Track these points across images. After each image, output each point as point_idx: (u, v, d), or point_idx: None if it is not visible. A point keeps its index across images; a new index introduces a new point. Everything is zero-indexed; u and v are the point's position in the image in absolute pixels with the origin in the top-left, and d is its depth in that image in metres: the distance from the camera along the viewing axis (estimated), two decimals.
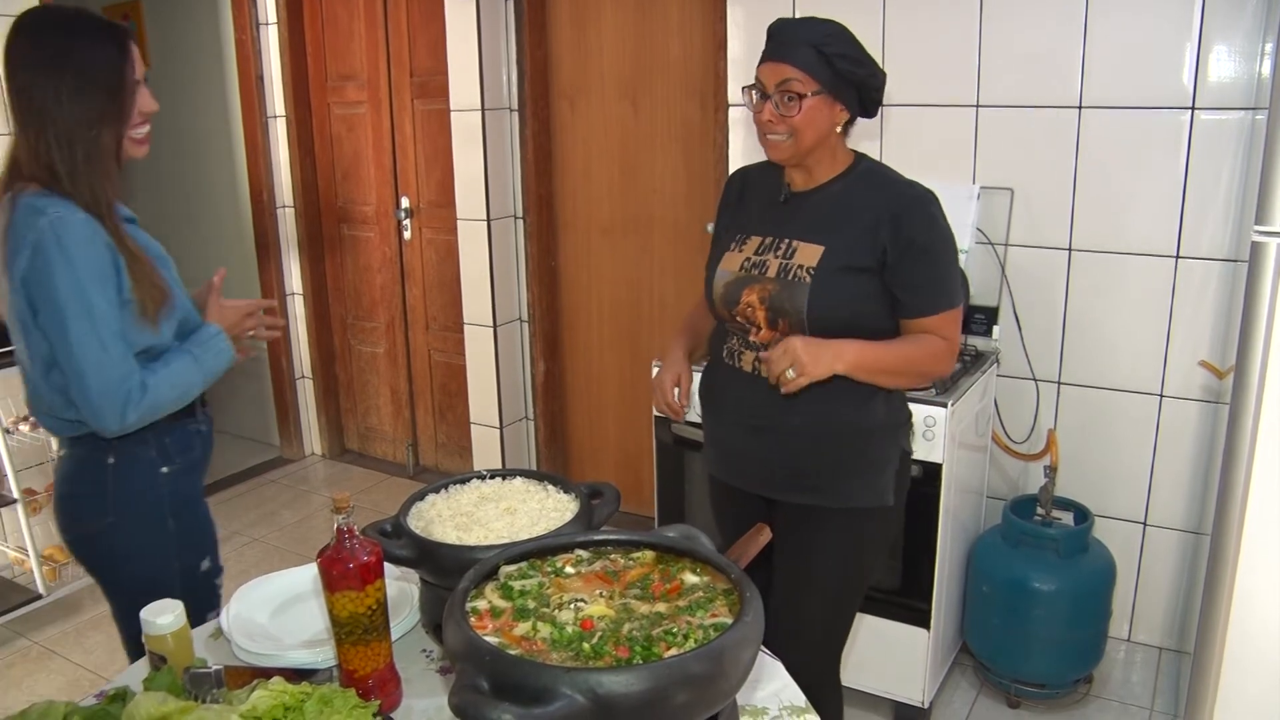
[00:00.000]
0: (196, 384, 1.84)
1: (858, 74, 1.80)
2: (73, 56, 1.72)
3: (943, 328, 1.86)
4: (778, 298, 1.85)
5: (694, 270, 3.71)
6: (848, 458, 1.92)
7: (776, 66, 1.81)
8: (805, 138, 1.82)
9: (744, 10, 3.24)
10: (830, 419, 1.89)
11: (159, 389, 1.75)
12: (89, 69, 1.73)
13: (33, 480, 3.48)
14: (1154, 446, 2.90)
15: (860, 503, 1.93)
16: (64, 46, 1.73)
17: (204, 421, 1.97)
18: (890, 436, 1.96)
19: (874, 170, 1.92)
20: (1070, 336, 2.95)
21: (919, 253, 1.81)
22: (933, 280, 1.84)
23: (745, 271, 1.92)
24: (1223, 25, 2.57)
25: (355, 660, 1.33)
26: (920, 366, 1.87)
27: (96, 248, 1.68)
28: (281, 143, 4.54)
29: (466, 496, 1.61)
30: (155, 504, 1.88)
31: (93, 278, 1.67)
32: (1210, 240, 2.70)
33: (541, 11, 3.81)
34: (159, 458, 1.87)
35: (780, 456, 1.94)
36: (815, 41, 1.78)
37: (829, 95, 1.80)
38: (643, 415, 3.84)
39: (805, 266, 1.84)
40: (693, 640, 1.13)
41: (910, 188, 1.86)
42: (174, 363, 1.79)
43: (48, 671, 3.15)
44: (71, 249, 1.66)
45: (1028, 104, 2.86)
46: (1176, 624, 2.99)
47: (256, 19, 4.42)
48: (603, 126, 3.82)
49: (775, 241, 1.91)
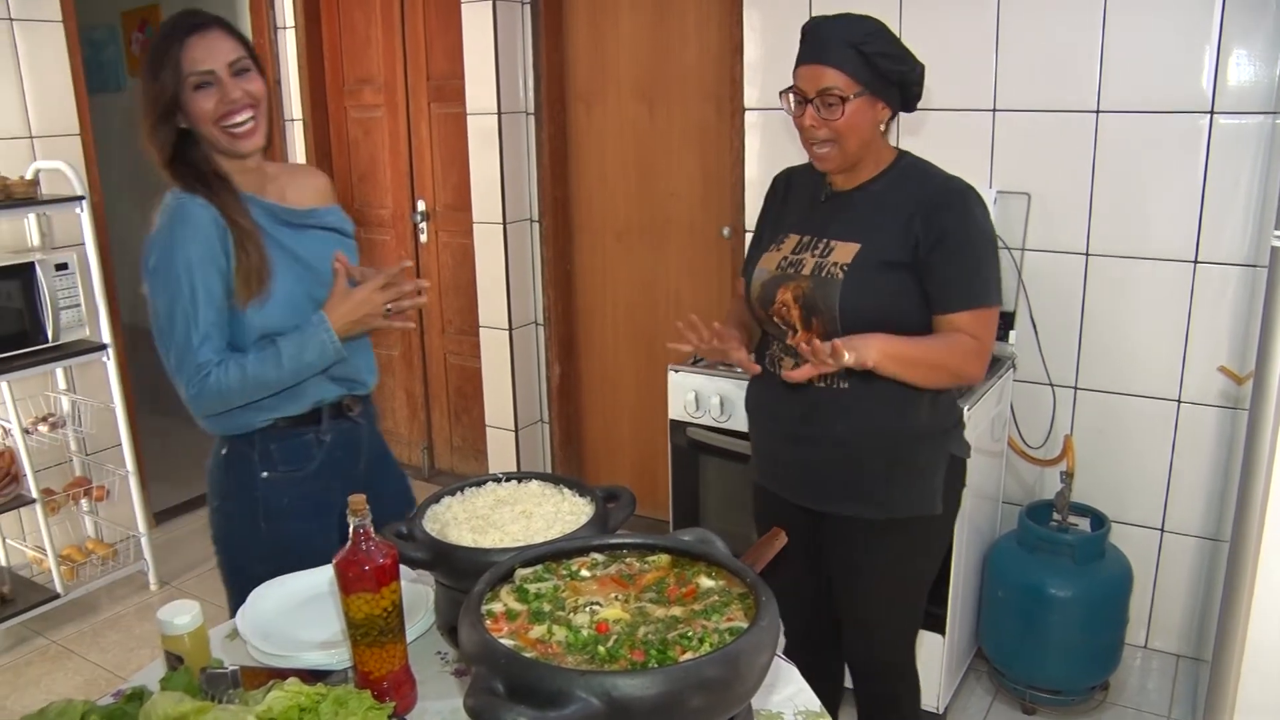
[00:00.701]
0: (274, 378, 1.75)
1: (899, 71, 1.77)
2: (147, 59, 1.78)
3: (973, 326, 1.79)
4: (811, 295, 1.82)
5: (709, 273, 3.72)
6: (892, 465, 1.88)
7: (816, 70, 1.77)
8: (850, 142, 1.79)
9: (760, 14, 3.24)
10: (873, 425, 1.85)
11: (226, 378, 1.72)
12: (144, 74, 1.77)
13: (51, 480, 3.51)
14: (1171, 452, 2.88)
15: (906, 512, 1.89)
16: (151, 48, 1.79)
17: (330, 431, 1.89)
18: (937, 442, 1.91)
19: (914, 165, 1.88)
20: (1087, 341, 2.93)
21: (951, 246, 1.77)
22: (964, 275, 1.78)
23: (781, 270, 1.89)
24: (1242, 29, 2.56)
25: (370, 662, 1.33)
26: (949, 364, 1.79)
27: (201, 229, 1.72)
28: (299, 146, 4.56)
29: (482, 499, 1.61)
30: (250, 504, 1.87)
31: (193, 264, 1.71)
32: (1229, 245, 2.68)
33: (558, 15, 3.82)
34: (261, 462, 1.86)
35: (823, 465, 1.91)
36: (855, 41, 1.73)
37: (870, 95, 1.77)
38: (658, 418, 3.84)
39: (839, 264, 1.81)
40: (708, 644, 1.13)
41: (948, 181, 1.83)
42: (255, 353, 1.74)
43: (65, 670, 3.17)
44: (175, 230, 1.72)
45: (1045, 108, 2.84)
46: (1194, 631, 2.96)
47: (274, 23, 4.44)
48: (618, 130, 3.82)
49: (813, 240, 1.88)
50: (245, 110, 1.75)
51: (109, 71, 5.28)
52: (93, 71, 4.78)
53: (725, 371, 2.83)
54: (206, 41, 1.73)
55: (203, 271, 1.71)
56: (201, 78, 1.72)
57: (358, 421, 1.96)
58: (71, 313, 3.27)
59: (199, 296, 1.71)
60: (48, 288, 3.18)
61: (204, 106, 1.73)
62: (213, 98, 1.73)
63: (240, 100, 1.74)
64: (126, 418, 3.52)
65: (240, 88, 1.74)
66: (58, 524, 3.51)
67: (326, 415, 1.89)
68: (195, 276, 1.71)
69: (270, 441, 1.85)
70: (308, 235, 1.88)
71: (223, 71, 1.73)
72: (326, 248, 1.87)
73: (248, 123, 1.76)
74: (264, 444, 1.85)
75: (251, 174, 1.85)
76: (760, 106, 3.33)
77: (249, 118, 1.76)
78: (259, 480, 1.86)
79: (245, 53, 1.77)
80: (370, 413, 2.02)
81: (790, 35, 3.17)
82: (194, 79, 1.72)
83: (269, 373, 1.74)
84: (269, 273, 1.76)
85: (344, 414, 1.93)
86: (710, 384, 2.83)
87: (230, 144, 1.77)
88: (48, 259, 3.21)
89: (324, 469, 1.90)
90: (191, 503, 4.40)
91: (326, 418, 1.89)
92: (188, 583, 3.72)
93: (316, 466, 1.89)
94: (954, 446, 1.95)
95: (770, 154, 3.35)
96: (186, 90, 1.73)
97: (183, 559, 3.89)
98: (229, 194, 1.77)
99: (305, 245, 1.86)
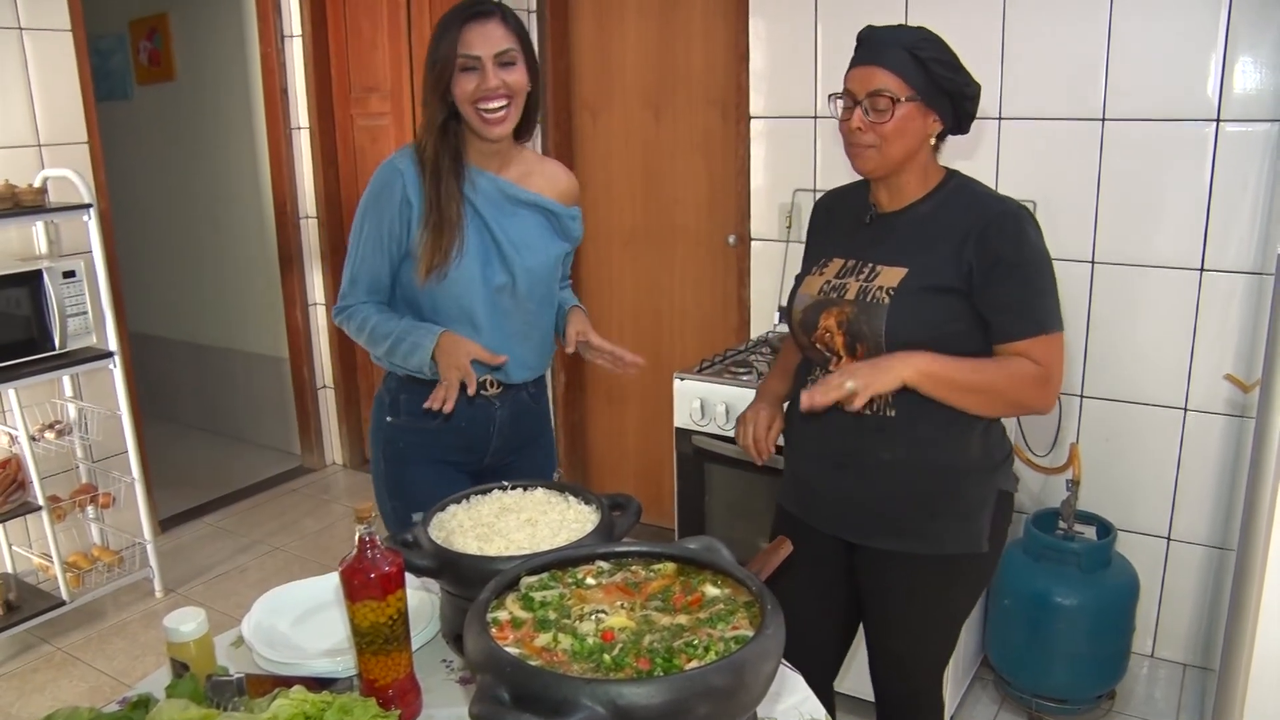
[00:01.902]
0: (378, 350, 2.00)
1: (954, 81, 1.71)
2: (432, 36, 1.95)
3: (1035, 352, 1.68)
4: (855, 321, 1.74)
5: (715, 281, 3.72)
6: (939, 499, 1.78)
7: (868, 71, 1.71)
8: (894, 149, 1.71)
9: (765, 22, 3.25)
10: (921, 456, 1.75)
11: (350, 324, 2.02)
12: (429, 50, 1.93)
13: (58, 487, 3.51)
14: (1178, 461, 2.87)
15: (951, 549, 1.79)
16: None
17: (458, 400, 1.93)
18: (987, 477, 1.80)
19: (964, 186, 1.80)
20: (1093, 349, 2.93)
21: (1007, 270, 1.68)
22: (1023, 301, 1.69)
23: (824, 295, 1.81)
24: (1248, 37, 2.56)
25: (376, 670, 1.33)
26: (1006, 391, 1.69)
27: (390, 190, 1.95)
28: (305, 154, 4.57)
29: (488, 507, 1.61)
30: (377, 442, 2.13)
31: (368, 211, 1.98)
32: (1235, 253, 2.68)
33: (564, 23, 3.83)
34: (390, 405, 2.09)
35: (864, 497, 1.82)
36: (909, 44, 1.68)
37: (923, 103, 1.70)
38: (663, 427, 3.83)
39: (885, 288, 1.73)
40: (713, 653, 1.13)
41: (1000, 203, 1.74)
42: (380, 318, 1.99)
43: (71, 678, 3.18)
44: (372, 183, 1.99)
45: (1051, 116, 2.85)
46: (1201, 640, 2.95)
47: (281, 32, 4.46)
48: (624, 137, 3.83)
49: (858, 265, 1.80)
50: (500, 98, 1.90)
51: (117, 80, 5.31)
52: (100, 80, 4.80)
53: (731, 379, 2.83)
54: (483, 29, 1.89)
55: (374, 226, 1.97)
56: (468, 61, 1.88)
57: (492, 400, 2.08)
58: (79, 320, 3.28)
59: (364, 245, 1.98)
60: (55, 295, 3.19)
61: (465, 88, 1.89)
62: (473, 80, 1.89)
63: (496, 89, 1.89)
64: (133, 425, 3.52)
65: (500, 77, 1.89)
66: (64, 531, 3.51)
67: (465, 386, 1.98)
68: (366, 227, 1.98)
69: (403, 391, 2.06)
70: (520, 217, 2.02)
71: (488, 59, 1.88)
72: (531, 234, 2.04)
73: (500, 110, 1.91)
74: (397, 390, 2.07)
75: (496, 155, 2.02)
76: (766, 114, 3.33)
77: (502, 105, 1.91)
78: (385, 422, 2.10)
79: (516, 45, 1.92)
80: (516, 397, 2.12)
81: (796, 43, 3.20)
82: (462, 61, 1.88)
83: (375, 344, 1.99)
84: (448, 260, 1.93)
85: (479, 392, 2.02)
86: (716, 392, 2.83)
87: (481, 125, 1.92)
88: (55, 266, 3.22)
89: (444, 430, 2.05)
90: (197, 509, 4.42)
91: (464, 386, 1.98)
92: (194, 590, 3.72)
93: (436, 427, 2.04)
94: (1003, 481, 1.84)
95: (776, 162, 3.35)
96: (455, 70, 1.89)
97: (188, 566, 3.90)
98: (451, 177, 1.94)
99: (513, 227, 2.01)
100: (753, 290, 3.53)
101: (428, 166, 1.94)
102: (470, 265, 1.95)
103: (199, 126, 5.04)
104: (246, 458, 5.11)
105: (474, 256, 1.96)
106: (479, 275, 1.96)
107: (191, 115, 5.06)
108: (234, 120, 4.83)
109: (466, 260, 1.94)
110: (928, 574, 1.83)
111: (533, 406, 2.18)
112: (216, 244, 5.17)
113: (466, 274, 1.95)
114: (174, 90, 5.10)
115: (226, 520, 4.37)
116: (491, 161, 2.02)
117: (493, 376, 2.05)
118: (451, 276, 1.94)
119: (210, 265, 5.26)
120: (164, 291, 5.48)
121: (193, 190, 5.18)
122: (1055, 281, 1.76)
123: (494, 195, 2.00)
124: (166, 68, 5.08)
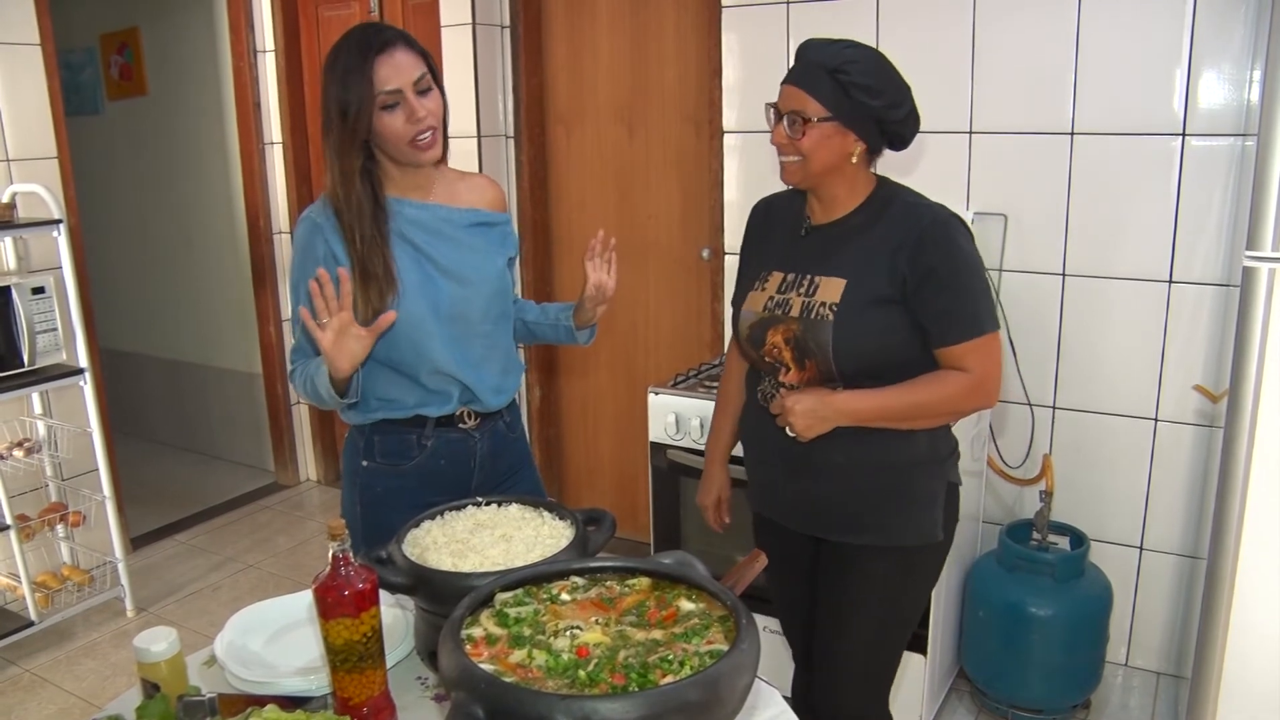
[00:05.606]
0: (313, 398, 1.88)
1: (873, 106, 1.72)
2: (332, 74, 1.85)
3: (974, 356, 1.75)
4: (803, 338, 1.79)
5: (689, 295, 3.73)
6: (892, 494, 1.85)
7: (789, 89, 1.76)
8: (813, 164, 1.77)
9: (738, 37, 3.27)
10: (870, 456, 1.82)
11: (294, 382, 1.93)
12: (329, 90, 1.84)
13: (26, 506, 3.47)
14: (1149, 470, 2.90)
15: (908, 540, 1.86)
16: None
17: (433, 437, 1.96)
18: (936, 470, 1.88)
19: (895, 196, 1.83)
20: (1064, 361, 2.96)
21: (940, 279, 1.72)
22: (957, 307, 1.74)
23: (769, 312, 1.85)
24: (1211, 52, 2.60)
25: (350, 688, 1.32)
26: (941, 406, 1.78)
27: (312, 249, 1.86)
28: (278, 169, 4.55)
29: (462, 523, 1.60)
30: (352, 487, 2.04)
31: (299, 273, 1.88)
32: (1203, 265, 2.71)
33: (537, 38, 3.84)
34: (365, 448, 2.00)
35: (822, 495, 1.88)
36: (834, 66, 1.70)
37: (840, 124, 1.74)
38: (638, 440, 3.84)
39: (828, 303, 1.77)
40: (688, 667, 1.13)
41: (930, 210, 1.77)
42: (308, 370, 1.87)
43: (39, 700, 3.13)
44: (293, 250, 1.92)
45: (1021, 130, 2.88)
46: (1174, 648, 2.98)
47: (254, 46, 4.44)
48: (598, 153, 3.84)
49: (797, 278, 1.84)
50: (429, 128, 1.84)
51: (87, 94, 5.27)
52: (70, 94, 4.78)
53: (705, 393, 2.84)
54: (392, 60, 1.79)
55: (304, 289, 1.81)
56: (389, 98, 1.79)
57: (470, 433, 2.01)
58: (48, 337, 3.25)
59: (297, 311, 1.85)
60: (24, 311, 3.16)
61: (393, 126, 1.81)
62: (399, 116, 1.80)
63: (425, 119, 1.82)
64: (104, 442, 3.49)
65: (425, 107, 1.82)
66: (33, 550, 3.47)
67: (432, 423, 1.97)
68: (301, 289, 1.84)
69: (376, 434, 1.98)
70: (456, 239, 1.95)
71: (408, 90, 1.80)
72: (472, 251, 1.96)
73: (428, 135, 1.84)
74: (370, 436, 1.98)
75: (418, 183, 1.94)
76: (739, 129, 3.35)
77: (431, 131, 1.84)
78: (360, 466, 2.01)
79: (425, 68, 1.85)
80: (493, 429, 2.05)
81: (768, 58, 3.22)
82: (382, 99, 1.79)
83: (314, 397, 1.87)
84: (386, 306, 1.82)
85: (455, 424, 1.99)
86: (691, 406, 2.84)
87: (414, 155, 1.85)
88: (24, 282, 3.19)
89: (423, 471, 1.99)
90: (169, 528, 4.38)
91: (431, 425, 1.97)
92: (165, 609, 3.68)
93: (413, 466, 1.98)
94: (951, 474, 1.91)
95: (749, 177, 3.37)
96: (374, 110, 1.79)
97: (160, 585, 3.86)
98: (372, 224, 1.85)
99: (451, 250, 1.93)
100: (726, 304, 3.54)
101: (344, 219, 1.85)
102: (414, 302, 1.87)
103: (171, 141, 5.01)
104: (219, 474, 5.07)
105: (416, 291, 1.88)
106: (426, 309, 1.88)
107: (163, 130, 5.03)
108: (206, 135, 4.80)
109: (407, 300, 1.86)
110: (886, 565, 1.89)
111: (509, 436, 2.11)
112: (189, 259, 5.13)
113: (413, 311, 1.86)
114: (145, 105, 5.07)
115: (199, 538, 4.33)
116: (415, 190, 1.94)
117: (468, 407, 1.99)
118: (399, 318, 1.82)
119: (182, 280, 5.22)
120: (136, 307, 5.44)
121: (165, 205, 5.15)
122: (987, 284, 1.81)
123: (427, 222, 1.92)
124: (138, 82, 5.05)
